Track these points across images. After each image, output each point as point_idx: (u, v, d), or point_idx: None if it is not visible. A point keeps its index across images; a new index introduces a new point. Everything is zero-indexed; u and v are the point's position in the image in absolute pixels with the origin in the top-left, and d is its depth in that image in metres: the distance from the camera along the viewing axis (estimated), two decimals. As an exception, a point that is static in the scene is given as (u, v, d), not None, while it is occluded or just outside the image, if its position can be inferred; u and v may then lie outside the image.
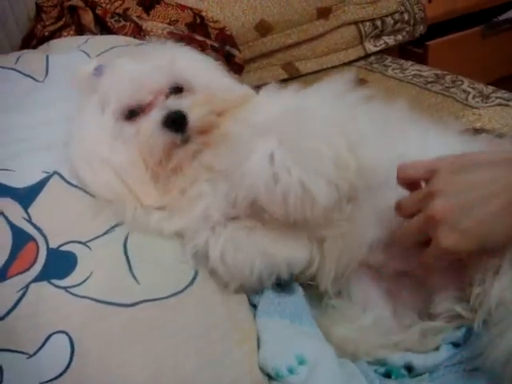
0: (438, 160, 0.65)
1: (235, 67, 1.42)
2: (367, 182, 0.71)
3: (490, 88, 1.35)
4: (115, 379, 0.61)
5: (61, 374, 0.58)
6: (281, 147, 0.66)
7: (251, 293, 0.76)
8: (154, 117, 0.70)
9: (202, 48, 1.24)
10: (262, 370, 0.66)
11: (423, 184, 0.66)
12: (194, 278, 0.71)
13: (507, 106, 1.26)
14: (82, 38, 1.04)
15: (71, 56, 0.93)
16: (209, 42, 1.30)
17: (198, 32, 1.30)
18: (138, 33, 1.18)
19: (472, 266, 0.69)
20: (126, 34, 1.15)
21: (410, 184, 0.66)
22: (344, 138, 0.68)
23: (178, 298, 0.68)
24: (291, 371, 0.64)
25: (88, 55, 0.93)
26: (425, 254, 0.66)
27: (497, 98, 1.30)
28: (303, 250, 0.73)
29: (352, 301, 0.78)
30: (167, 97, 0.73)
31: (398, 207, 0.67)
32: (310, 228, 0.72)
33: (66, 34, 1.14)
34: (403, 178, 0.66)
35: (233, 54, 1.42)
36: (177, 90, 0.76)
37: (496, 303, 0.64)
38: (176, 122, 0.69)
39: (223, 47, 1.34)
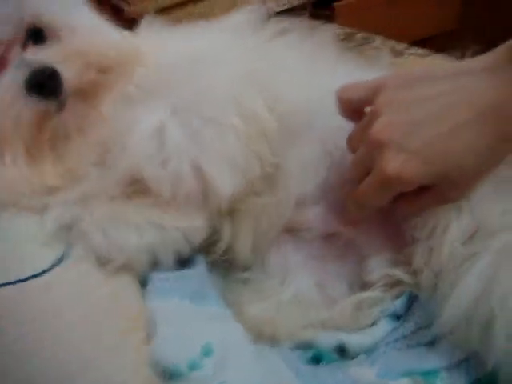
0: (382, 77, 0.55)
1: (125, 23, 1.23)
2: (289, 129, 0.60)
3: (403, 45, 1.26)
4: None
5: None
6: (173, 118, 0.55)
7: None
8: (11, 78, 0.52)
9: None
10: (155, 368, 0.51)
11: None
12: (62, 257, 0.55)
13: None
14: None
15: None
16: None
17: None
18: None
19: (412, 220, 0.58)
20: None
21: (355, 113, 0.57)
22: (259, 94, 0.57)
23: (39, 280, 0.52)
24: (193, 367, 0.48)
25: None
26: (360, 189, 0.55)
27: (411, 54, 1.20)
28: (204, 217, 0.59)
29: (267, 272, 0.64)
30: (24, 47, 0.55)
31: (347, 142, 0.58)
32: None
33: None
34: (344, 104, 0.57)
35: (121, 8, 1.24)
36: (36, 35, 0.57)
37: (447, 259, 0.52)
38: (45, 84, 0.52)
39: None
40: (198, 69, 0.59)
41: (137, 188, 0.58)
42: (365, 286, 0.61)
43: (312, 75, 0.63)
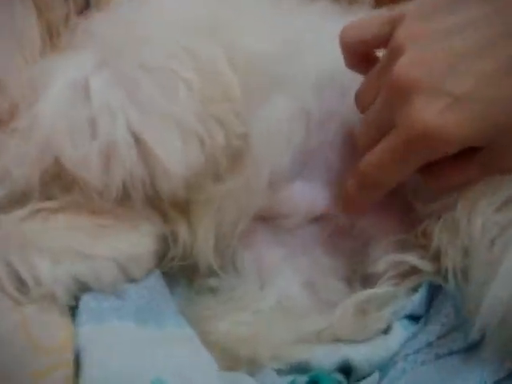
0: (398, 10, 0.42)
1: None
2: (254, 87, 0.46)
3: None
4: None
5: None
6: (101, 70, 0.42)
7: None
8: None
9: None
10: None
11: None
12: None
13: None
14: None
15: None
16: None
17: None
18: None
19: (425, 192, 0.45)
20: None
21: (366, 60, 0.44)
22: (216, 43, 0.44)
23: None
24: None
25: None
26: (370, 161, 0.42)
27: None
28: (152, 227, 0.45)
29: (240, 276, 0.50)
30: None
31: (356, 99, 0.45)
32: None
33: None
34: (353, 47, 0.44)
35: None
36: None
37: (479, 232, 0.38)
38: None
39: None
40: (137, 14, 0.46)
41: (60, 184, 0.43)
42: (368, 280, 0.48)
43: (280, 18, 0.50)
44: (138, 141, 0.41)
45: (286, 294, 0.48)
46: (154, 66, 0.42)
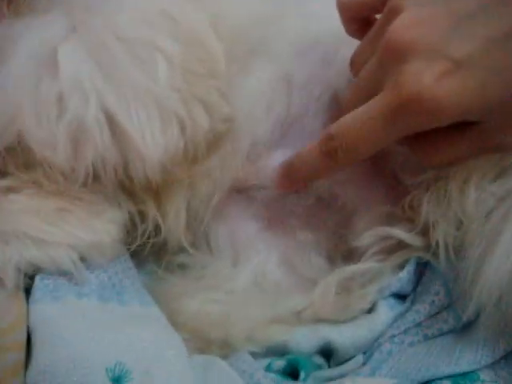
0: None
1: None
2: (234, 55, 0.43)
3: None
4: None
5: None
6: (70, 39, 0.38)
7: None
8: None
9: None
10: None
11: None
12: None
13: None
14: None
15: None
16: None
17: None
18: None
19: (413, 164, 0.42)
20: None
21: (364, 26, 0.41)
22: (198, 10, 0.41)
23: None
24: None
25: None
26: (354, 123, 0.37)
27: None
28: (115, 218, 0.41)
29: (213, 252, 0.47)
30: None
31: (350, 63, 0.42)
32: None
33: None
34: (348, 10, 0.41)
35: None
36: None
37: (473, 203, 0.35)
38: None
39: None
40: None
41: (19, 161, 0.39)
42: (352, 256, 0.45)
43: None
44: (110, 121, 0.37)
45: (261, 270, 0.45)
46: (131, 34, 0.38)
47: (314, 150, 0.39)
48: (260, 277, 0.44)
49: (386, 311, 0.41)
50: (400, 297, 0.42)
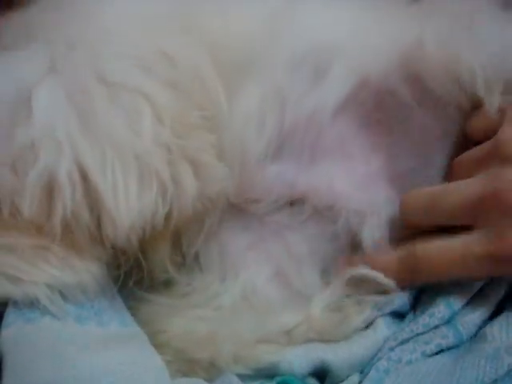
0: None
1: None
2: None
3: None
4: None
5: None
6: (48, 80, 0.35)
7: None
8: None
9: None
10: None
11: None
12: None
13: None
14: None
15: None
16: None
17: None
18: None
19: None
20: None
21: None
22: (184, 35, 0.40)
23: None
24: None
25: None
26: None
27: None
28: (97, 256, 0.38)
29: (201, 267, 0.45)
30: None
31: (454, 164, 0.41)
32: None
33: None
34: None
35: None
36: None
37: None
38: None
39: None
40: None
41: None
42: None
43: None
44: (84, 177, 0.34)
45: (251, 285, 0.43)
46: (115, 77, 0.36)
47: (392, 262, 0.40)
48: (249, 292, 0.43)
49: (383, 329, 0.39)
50: (398, 315, 0.40)
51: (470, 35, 0.39)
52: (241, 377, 0.39)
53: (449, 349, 0.37)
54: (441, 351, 0.37)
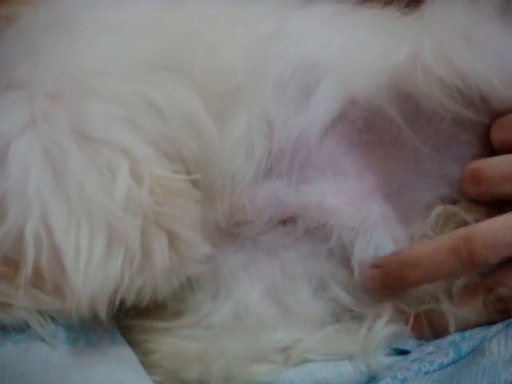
0: None
1: None
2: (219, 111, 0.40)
3: None
4: None
5: None
6: (27, 133, 0.34)
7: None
8: None
9: None
10: None
11: None
12: None
13: None
14: None
15: None
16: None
17: None
18: None
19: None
20: None
21: None
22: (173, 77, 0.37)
23: None
24: None
25: None
26: None
27: None
28: None
29: (193, 287, 0.43)
30: None
31: (478, 172, 0.40)
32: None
33: None
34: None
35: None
36: None
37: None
38: None
39: None
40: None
41: None
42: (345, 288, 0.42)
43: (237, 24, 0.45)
44: (50, 239, 0.32)
45: (243, 303, 0.42)
46: (96, 133, 0.34)
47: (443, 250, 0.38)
48: (242, 310, 0.42)
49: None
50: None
51: (470, 45, 0.39)
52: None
53: (448, 365, 0.36)
54: (441, 367, 0.36)
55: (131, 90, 0.35)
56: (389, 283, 0.40)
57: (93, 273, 0.32)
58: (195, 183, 0.36)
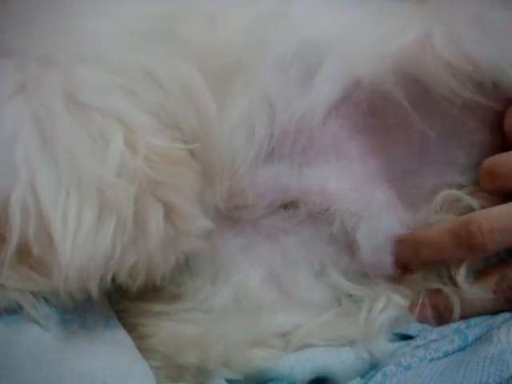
0: None
1: None
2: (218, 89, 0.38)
3: None
4: None
5: None
6: (16, 98, 0.33)
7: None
8: None
9: None
10: None
11: None
12: None
13: None
14: None
15: None
16: None
17: None
18: None
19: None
20: None
21: None
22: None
23: None
24: None
25: None
26: None
27: None
28: None
29: (191, 270, 0.42)
30: None
31: (494, 167, 0.40)
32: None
33: None
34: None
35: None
36: None
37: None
38: None
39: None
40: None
41: None
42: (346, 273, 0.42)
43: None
44: (37, 208, 0.31)
45: (243, 287, 0.41)
46: (90, 100, 0.32)
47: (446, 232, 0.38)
48: (242, 294, 0.41)
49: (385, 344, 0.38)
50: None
51: (481, 29, 0.38)
52: (231, 382, 0.37)
53: (454, 352, 0.36)
54: (446, 354, 0.36)
55: (128, 58, 0.34)
56: (406, 260, 0.40)
57: (81, 244, 0.30)
58: (194, 155, 0.35)
